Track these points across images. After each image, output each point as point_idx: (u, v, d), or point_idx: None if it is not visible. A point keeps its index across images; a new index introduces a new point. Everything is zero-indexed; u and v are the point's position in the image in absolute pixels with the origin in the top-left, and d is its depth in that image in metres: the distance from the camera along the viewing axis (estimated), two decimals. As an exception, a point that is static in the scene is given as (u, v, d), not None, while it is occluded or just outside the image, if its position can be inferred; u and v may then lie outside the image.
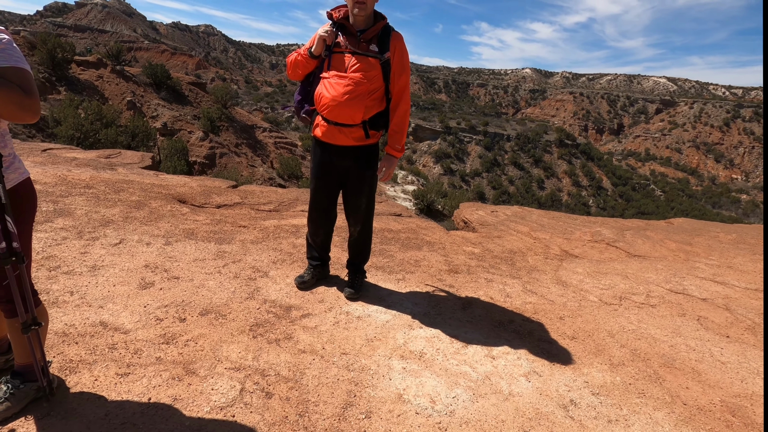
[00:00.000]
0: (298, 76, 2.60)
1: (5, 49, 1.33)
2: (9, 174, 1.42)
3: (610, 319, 2.99)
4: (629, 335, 2.81)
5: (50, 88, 18.79)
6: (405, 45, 2.51)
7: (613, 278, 3.77)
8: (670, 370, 2.46)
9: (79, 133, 14.54)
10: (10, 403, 1.55)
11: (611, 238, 5.03)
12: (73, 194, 3.89)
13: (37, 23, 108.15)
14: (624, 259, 4.39)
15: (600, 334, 2.77)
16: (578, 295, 3.35)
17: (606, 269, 4.00)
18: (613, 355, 2.55)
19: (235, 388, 1.92)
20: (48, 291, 2.37)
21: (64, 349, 1.97)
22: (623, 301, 3.32)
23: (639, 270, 4.05)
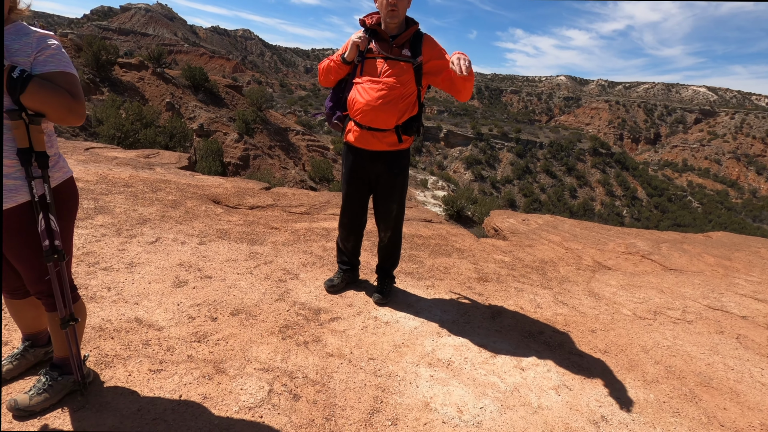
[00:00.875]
0: (330, 83, 2.62)
1: (54, 54, 1.38)
2: (54, 173, 1.47)
3: (644, 334, 2.87)
4: (664, 351, 2.68)
5: (94, 88, 19.75)
6: (438, 44, 2.48)
7: (647, 292, 3.61)
8: (707, 389, 2.34)
9: (120, 133, 15.19)
10: (48, 395, 1.60)
11: (646, 250, 4.82)
12: (113, 192, 4.04)
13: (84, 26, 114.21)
14: (659, 272, 4.20)
15: (633, 349, 2.66)
16: (611, 308, 3.22)
17: (640, 282, 3.83)
18: (647, 371, 2.44)
19: (264, 389, 1.92)
20: (87, 286, 2.46)
21: (101, 344, 2.02)
22: (658, 316, 3.17)
23: (675, 284, 3.85)
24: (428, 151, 75.50)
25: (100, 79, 20.70)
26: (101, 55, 20.51)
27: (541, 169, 72.38)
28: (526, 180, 69.92)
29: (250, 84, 76.05)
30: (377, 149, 2.53)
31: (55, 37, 1.42)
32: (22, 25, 1.38)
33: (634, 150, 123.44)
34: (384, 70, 2.40)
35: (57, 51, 1.39)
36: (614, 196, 69.95)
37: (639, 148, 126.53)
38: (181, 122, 19.39)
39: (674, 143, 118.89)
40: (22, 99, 1.29)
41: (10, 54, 1.31)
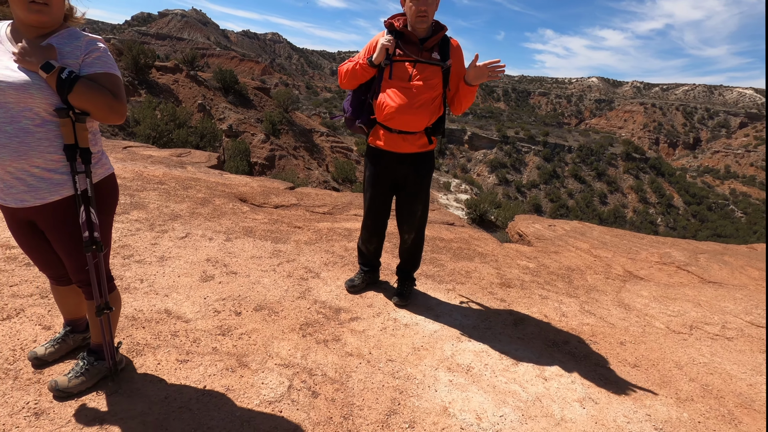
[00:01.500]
0: (353, 86, 2.56)
1: (101, 57, 1.47)
2: (96, 169, 1.56)
3: (679, 349, 2.75)
4: (700, 368, 2.57)
5: (132, 90, 20.59)
6: (462, 53, 2.52)
7: (683, 305, 3.47)
8: (748, 411, 2.22)
9: (155, 133, 15.78)
10: (85, 378, 1.69)
11: (682, 261, 4.63)
12: (147, 189, 4.21)
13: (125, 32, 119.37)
14: (697, 284, 4.03)
15: (666, 365, 2.56)
16: (642, 320, 3.11)
17: (675, 294, 3.68)
18: (681, 388, 2.34)
19: (284, 385, 1.97)
20: (122, 277, 2.58)
21: (133, 333, 2.12)
22: (694, 331, 3.04)
23: (714, 298, 3.69)
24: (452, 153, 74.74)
25: (138, 82, 21.57)
26: (140, 59, 21.40)
27: (570, 173, 70.35)
28: (553, 185, 68.10)
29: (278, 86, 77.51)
30: (408, 151, 2.55)
31: (103, 41, 1.51)
32: (75, 30, 1.48)
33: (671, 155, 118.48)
34: (414, 74, 2.40)
35: (103, 53, 1.48)
36: (648, 203, 66.97)
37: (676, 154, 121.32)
38: (212, 123, 19.98)
39: (716, 148, 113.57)
40: (69, 98, 1.38)
41: (62, 56, 1.41)
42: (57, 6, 1.40)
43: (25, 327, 2.04)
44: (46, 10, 1.36)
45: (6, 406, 1.60)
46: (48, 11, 1.37)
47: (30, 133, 1.39)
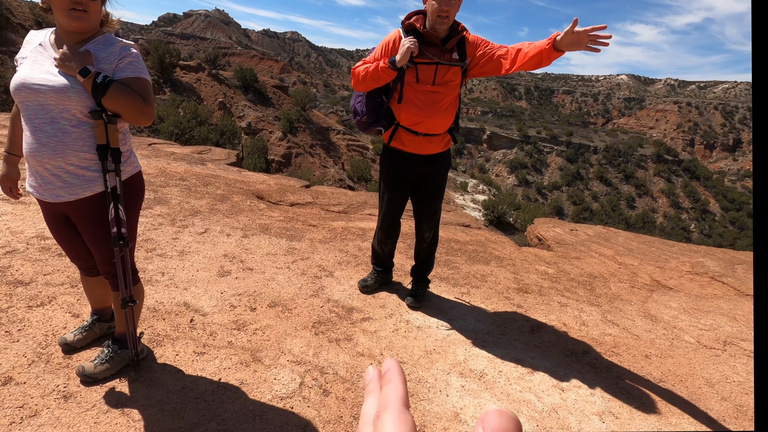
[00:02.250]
0: (369, 88, 2.45)
1: (133, 62, 1.55)
2: (125, 167, 1.64)
3: (710, 366, 2.60)
4: (734, 387, 2.41)
5: (158, 89, 21.08)
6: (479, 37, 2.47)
7: (716, 318, 3.27)
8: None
9: (178, 130, 16.14)
10: (109, 365, 1.78)
11: (717, 271, 4.37)
12: (170, 185, 4.34)
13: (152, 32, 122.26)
14: (732, 297, 3.80)
15: (695, 381, 2.42)
16: (670, 333, 2.97)
17: (708, 307, 3.49)
18: (712, 407, 2.21)
19: (295, 381, 2.02)
20: (144, 270, 2.68)
21: (154, 324, 2.21)
22: (728, 347, 2.86)
23: (752, 312, 3.49)
24: (470, 153, 73.59)
25: (163, 80, 22.09)
26: (165, 59, 21.92)
27: (595, 175, 67.17)
28: (576, 186, 65.19)
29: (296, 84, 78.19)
30: (433, 152, 2.55)
31: (135, 47, 1.59)
32: (110, 36, 1.56)
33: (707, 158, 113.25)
34: (438, 77, 2.38)
35: (135, 59, 1.56)
36: (680, 208, 61.85)
37: (714, 156, 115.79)
38: (231, 121, 20.32)
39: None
40: (103, 101, 1.46)
41: (97, 61, 1.49)
42: (95, 13, 1.48)
43: (57, 314, 2.14)
44: (85, 16, 1.45)
45: (38, 387, 1.70)
46: (87, 18, 1.46)
47: (67, 133, 1.47)
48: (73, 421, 1.58)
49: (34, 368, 1.78)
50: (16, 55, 1.56)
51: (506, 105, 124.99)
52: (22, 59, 1.51)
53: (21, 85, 1.43)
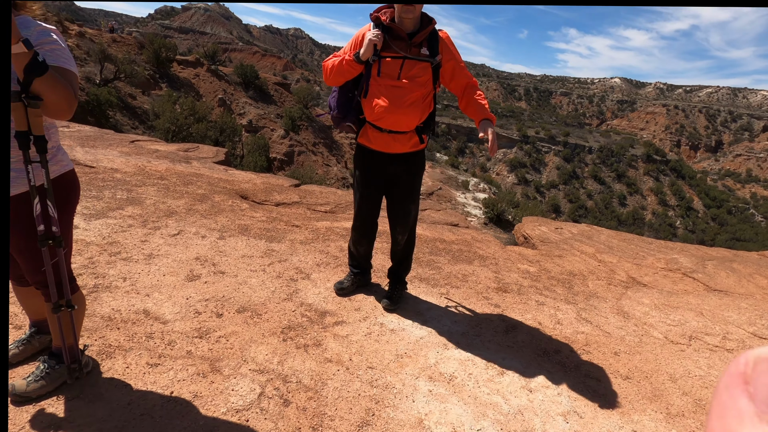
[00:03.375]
0: (338, 82, 2.43)
1: (55, 50, 1.40)
2: (51, 166, 1.50)
3: (675, 361, 2.61)
4: (695, 382, 2.42)
5: (153, 84, 20.96)
6: (453, 44, 2.40)
7: (684, 313, 3.28)
8: None
9: (174, 126, 16.03)
10: (45, 382, 1.65)
11: (689, 267, 4.40)
12: (146, 184, 4.22)
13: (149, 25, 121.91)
14: (701, 292, 3.82)
15: (659, 377, 2.42)
16: (640, 329, 2.95)
17: (678, 302, 3.49)
18: (672, 402, 2.21)
19: (255, 392, 1.90)
20: (104, 275, 2.56)
21: (106, 334, 2.09)
22: (693, 342, 2.88)
23: (717, 307, 3.48)
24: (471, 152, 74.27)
25: (159, 75, 21.96)
26: (161, 53, 21.78)
27: (589, 174, 69.60)
28: (572, 185, 67.38)
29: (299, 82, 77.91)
30: (399, 152, 2.46)
31: (57, 33, 1.43)
32: (26, 18, 1.39)
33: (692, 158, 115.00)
34: (404, 71, 2.29)
35: (57, 47, 1.41)
36: (667, 205, 65.99)
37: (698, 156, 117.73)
38: (232, 118, 20.19)
39: (738, 152, 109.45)
40: (37, 82, 1.27)
41: None
42: None
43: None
44: None
45: (-38, 408, 1.58)
46: None
47: None
48: (-4, 445, 1.46)
49: (-43, 387, 1.67)
50: None
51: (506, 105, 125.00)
52: None
53: None
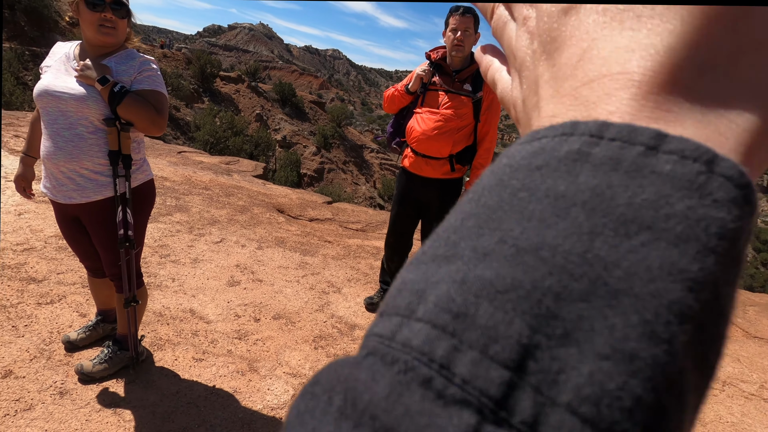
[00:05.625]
0: (393, 110, 2.75)
1: (150, 76, 1.64)
2: (137, 174, 1.72)
3: (706, 405, 2.56)
4: (726, 428, 2.38)
5: (197, 97, 22.06)
6: None
7: None
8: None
9: (213, 139, 16.79)
10: (107, 365, 1.84)
11: None
12: (192, 193, 4.50)
13: (196, 42, 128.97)
14: (740, 338, 3.71)
15: None
16: None
17: None
18: None
19: (288, 393, 2.03)
20: (156, 275, 2.77)
21: (158, 328, 2.27)
22: (727, 387, 2.82)
23: (757, 354, 3.38)
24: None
25: (203, 90, 23.12)
26: (206, 68, 22.96)
27: None
28: None
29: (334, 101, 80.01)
30: (430, 176, 2.63)
31: (155, 62, 1.69)
32: (132, 51, 1.67)
33: None
34: (444, 103, 2.50)
35: (153, 73, 1.66)
36: None
37: None
38: (267, 133, 20.97)
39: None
40: (118, 109, 1.55)
41: (118, 73, 1.59)
42: (122, 30, 1.60)
43: (65, 312, 2.25)
44: (113, 32, 1.56)
45: (36, 382, 1.77)
46: (115, 33, 1.57)
47: (83, 138, 1.56)
48: (65, 417, 1.64)
49: (34, 363, 1.87)
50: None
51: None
52: (46, 68, 1.63)
53: (44, 92, 1.54)
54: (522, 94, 0.19)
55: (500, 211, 0.13)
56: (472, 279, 0.12)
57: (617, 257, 0.11)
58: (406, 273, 0.14)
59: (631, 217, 0.12)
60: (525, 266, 0.12)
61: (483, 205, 0.14)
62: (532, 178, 0.13)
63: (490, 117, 2.54)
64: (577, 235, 0.12)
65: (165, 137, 16.15)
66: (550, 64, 0.17)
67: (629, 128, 0.13)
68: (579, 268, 0.11)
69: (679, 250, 0.11)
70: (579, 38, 0.16)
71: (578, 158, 0.13)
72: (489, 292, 0.12)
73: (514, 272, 0.12)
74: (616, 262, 0.11)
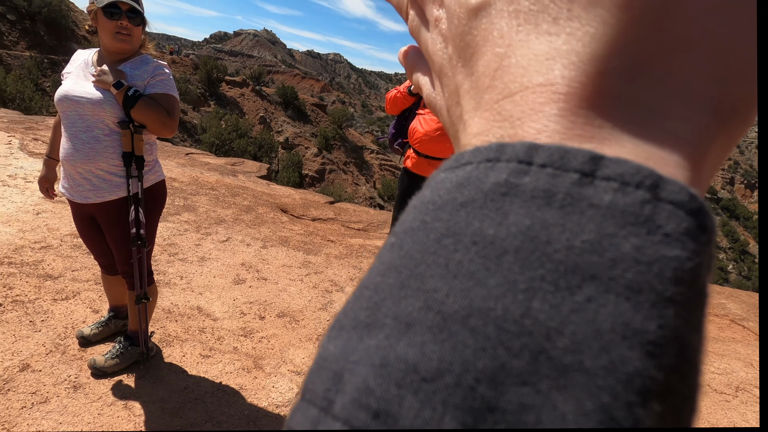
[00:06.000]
0: (395, 111, 2.81)
1: (164, 80, 1.71)
2: (149, 175, 1.78)
3: (718, 411, 2.53)
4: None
5: (203, 101, 22.24)
6: None
7: (731, 362, 3.17)
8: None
9: (218, 141, 16.93)
10: (119, 360, 1.90)
11: (738, 314, 4.23)
12: (200, 194, 4.57)
13: (203, 48, 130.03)
14: (752, 342, 3.66)
15: (700, 425, 2.39)
16: None
17: (724, 350, 3.38)
18: None
19: (292, 391, 2.08)
20: (164, 272, 2.83)
21: (166, 324, 2.33)
22: (740, 393, 2.77)
23: None
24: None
25: (209, 94, 23.31)
26: (213, 73, 23.20)
27: None
28: None
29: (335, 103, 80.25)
30: None
31: (168, 67, 1.76)
32: (147, 56, 1.73)
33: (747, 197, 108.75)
34: None
35: (165, 77, 1.72)
36: (718, 247, 61.15)
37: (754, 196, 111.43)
38: (270, 135, 21.13)
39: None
40: (132, 112, 1.61)
41: (132, 78, 1.66)
42: (137, 37, 1.66)
43: (79, 308, 2.31)
44: (128, 39, 1.63)
45: (52, 376, 1.83)
46: (130, 40, 1.64)
47: (99, 141, 1.63)
48: (78, 411, 1.70)
49: (50, 358, 1.93)
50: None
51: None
52: (67, 74, 1.69)
53: (64, 97, 1.61)
54: (446, 103, 0.18)
55: (423, 265, 0.11)
56: (393, 362, 0.10)
57: (560, 320, 0.09)
58: (327, 342, 0.12)
59: (571, 266, 0.10)
60: (453, 341, 0.10)
61: (405, 256, 0.12)
62: (456, 220, 0.11)
63: None
64: (511, 293, 0.10)
65: (173, 139, 16.31)
66: (468, 72, 0.15)
67: (560, 151, 0.11)
68: (517, 340, 0.09)
69: (631, 304, 0.10)
70: (493, 43, 0.14)
71: (506, 191, 0.11)
72: (413, 380, 0.10)
73: (441, 351, 0.10)
74: (559, 328, 0.09)
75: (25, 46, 16.55)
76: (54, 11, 17.40)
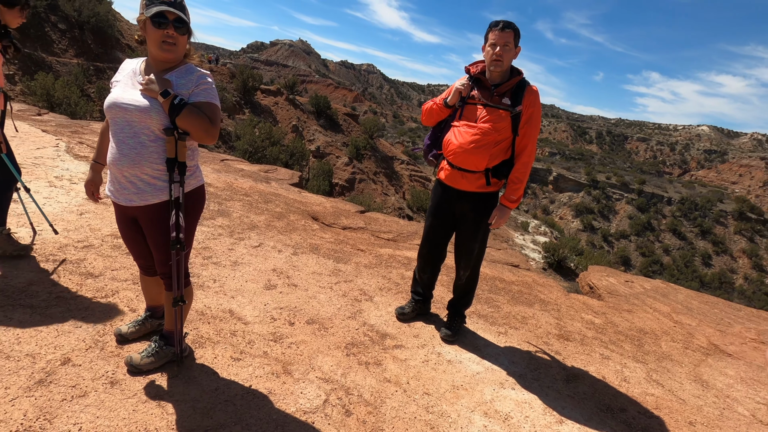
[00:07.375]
0: (431, 123, 2.80)
1: (206, 89, 1.76)
2: (190, 180, 1.83)
3: None
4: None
5: (238, 109, 22.95)
6: (539, 100, 2.52)
7: None
8: None
9: (252, 148, 17.39)
10: (154, 359, 1.94)
11: None
12: (234, 199, 4.69)
13: (240, 57, 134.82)
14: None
15: None
16: (721, 402, 2.75)
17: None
18: None
19: (320, 398, 2.07)
20: (199, 275, 2.90)
21: (199, 326, 2.37)
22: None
23: None
24: (534, 193, 71.55)
25: (244, 102, 24.05)
26: (248, 82, 23.96)
27: (667, 227, 62.89)
28: (646, 237, 61.38)
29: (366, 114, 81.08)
30: (465, 189, 2.63)
31: (211, 76, 1.82)
32: (191, 66, 1.80)
33: None
34: (482, 116, 2.50)
35: (208, 86, 1.78)
36: (764, 271, 57.63)
37: None
38: (302, 143, 21.53)
39: None
40: (177, 120, 1.67)
41: (177, 86, 1.72)
42: (182, 46, 1.73)
43: (117, 307, 2.39)
44: (174, 49, 1.69)
45: (91, 371, 1.89)
46: (175, 50, 1.70)
47: (145, 146, 1.69)
48: (115, 406, 1.74)
49: (90, 353, 2.00)
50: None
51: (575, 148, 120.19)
52: (116, 82, 1.77)
53: (113, 104, 1.68)
54: None
55: None
56: None
57: None
58: None
59: None
60: None
61: None
62: None
63: (529, 131, 2.52)
64: None
65: (208, 146, 16.87)
66: None
67: None
68: None
69: None
70: None
71: None
72: None
73: None
74: None
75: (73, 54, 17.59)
76: (101, 20, 18.42)
